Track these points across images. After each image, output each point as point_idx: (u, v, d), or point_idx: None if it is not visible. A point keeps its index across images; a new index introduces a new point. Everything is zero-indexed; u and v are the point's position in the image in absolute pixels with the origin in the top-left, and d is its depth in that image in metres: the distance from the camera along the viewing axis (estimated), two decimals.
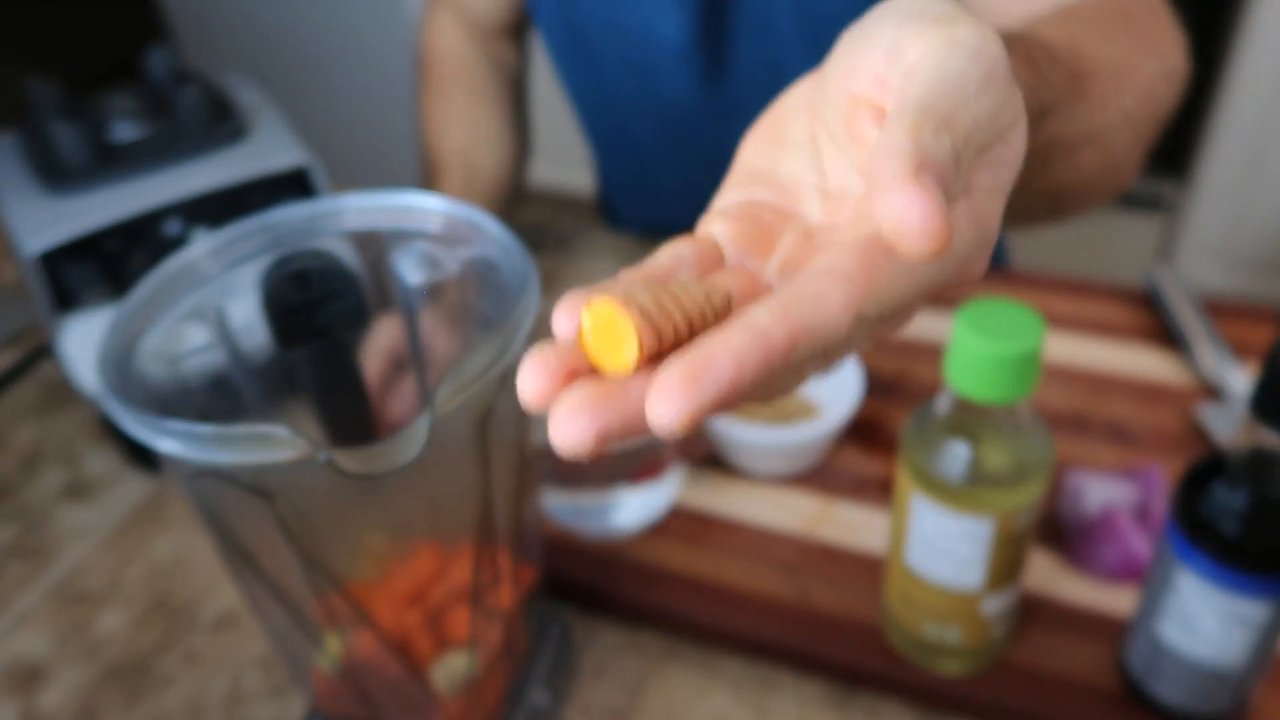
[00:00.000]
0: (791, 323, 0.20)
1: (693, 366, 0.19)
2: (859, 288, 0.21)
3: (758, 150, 0.30)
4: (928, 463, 0.44)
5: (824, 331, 0.20)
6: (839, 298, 0.20)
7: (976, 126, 0.22)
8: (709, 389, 0.19)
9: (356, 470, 0.33)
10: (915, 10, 0.24)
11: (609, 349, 0.21)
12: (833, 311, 0.20)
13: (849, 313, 0.20)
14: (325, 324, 0.45)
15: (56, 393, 0.76)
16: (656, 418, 0.19)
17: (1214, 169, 1.80)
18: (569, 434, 0.19)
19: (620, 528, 0.59)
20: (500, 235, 0.42)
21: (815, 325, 0.20)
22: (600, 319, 0.21)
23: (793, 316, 0.20)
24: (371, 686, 0.44)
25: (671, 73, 0.77)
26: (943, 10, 0.24)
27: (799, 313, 0.20)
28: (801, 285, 0.21)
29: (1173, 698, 0.47)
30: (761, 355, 0.19)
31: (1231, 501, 0.41)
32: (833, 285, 0.21)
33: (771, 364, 0.19)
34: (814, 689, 0.53)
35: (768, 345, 0.19)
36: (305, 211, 0.44)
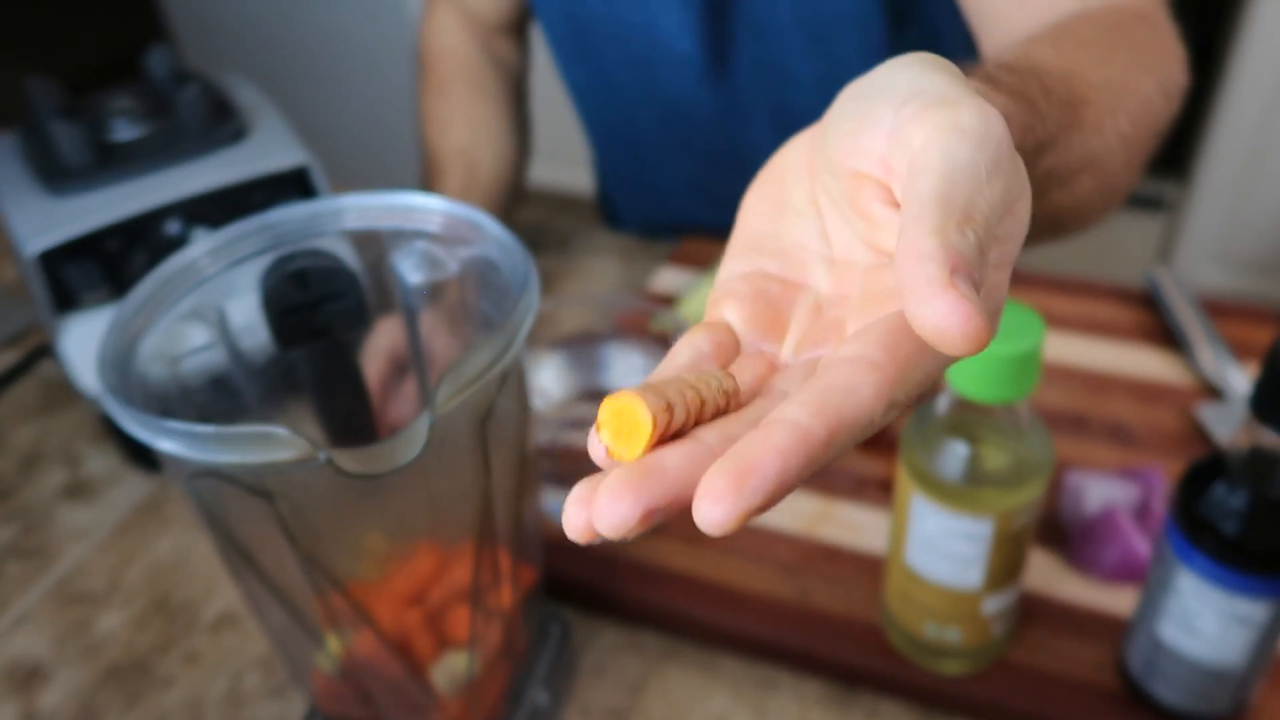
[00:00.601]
0: (829, 417, 0.20)
1: (738, 468, 0.19)
2: (889, 376, 0.21)
3: (760, 214, 0.30)
4: (928, 463, 0.44)
5: (860, 422, 0.21)
6: (871, 388, 0.21)
7: (992, 213, 0.22)
8: (757, 490, 0.19)
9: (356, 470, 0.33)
10: (915, 88, 0.24)
11: (626, 437, 0.21)
12: (866, 402, 0.21)
13: (882, 401, 0.21)
14: (325, 324, 0.45)
15: (56, 393, 0.76)
16: (705, 521, 0.19)
17: (1214, 169, 1.80)
18: (613, 517, 0.19)
19: None
20: (500, 235, 0.42)
21: (851, 417, 0.20)
22: (615, 409, 0.21)
23: (829, 411, 0.20)
24: (371, 686, 0.44)
25: (673, 68, 0.77)
26: (944, 89, 0.24)
27: (835, 406, 0.20)
28: (833, 378, 0.21)
29: (1173, 698, 0.47)
30: (804, 452, 0.20)
31: (1231, 501, 0.41)
32: (864, 376, 0.21)
33: (814, 459, 0.20)
34: (814, 689, 0.53)
35: (809, 441, 0.20)
36: (305, 211, 0.44)
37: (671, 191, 0.90)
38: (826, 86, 0.75)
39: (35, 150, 0.64)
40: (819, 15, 0.72)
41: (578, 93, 0.87)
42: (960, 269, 0.20)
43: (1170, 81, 0.48)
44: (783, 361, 0.26)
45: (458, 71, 0.83)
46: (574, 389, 0.62)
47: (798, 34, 0.73)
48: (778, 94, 0.77)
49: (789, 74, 0.76)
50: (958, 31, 0.75)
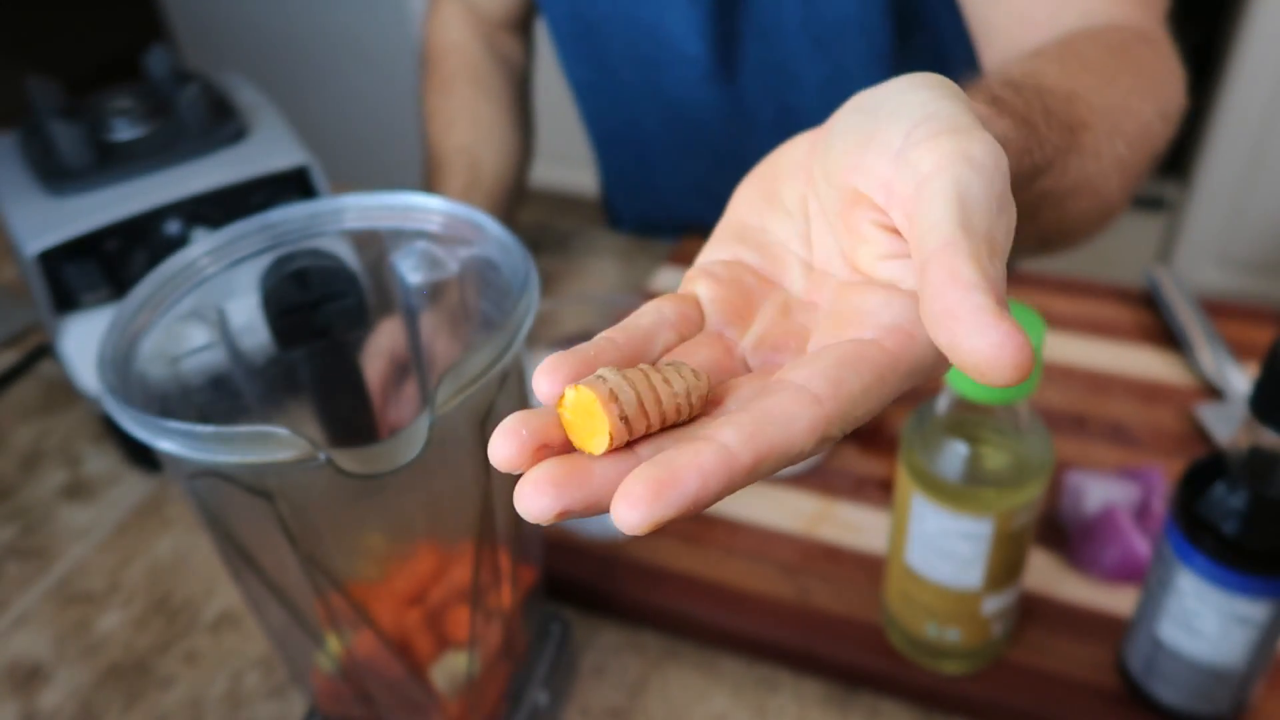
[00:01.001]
0: (757, 445, 0.21)
1: (659, 479, 0.20)
2: (827, 412, 0.22)
3: (750, 204, 0.30)
4: (928, 463, 0.44)
5: (787, 451, 0.21)
6: (806, 422, 0.21)
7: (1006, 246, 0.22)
8: (673, 502, 0.20)
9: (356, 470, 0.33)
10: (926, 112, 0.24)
11: (584, 432, 0.22)
12: (798, 434, 0.21)
13: (814, 436, 0.22)
14: (325, 324, 0.45)
15: (56, 393, 0.76)
16: (620, 520, 0.20)
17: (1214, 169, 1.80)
18: (532, 506, 0.20)
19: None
20: (500, 235, 0.42)
21: (781, 447, 0.21)
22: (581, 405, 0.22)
23: (759, 439, 0.21)
24: (371, 686, 0.44)
25: (679, 68, 0.77)
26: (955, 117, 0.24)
27: (766, 436, 0.21)
28: (772, 405, 0.22)
29: (1173, 698, 0.47)
30: (725, 474, 0.20)
31: (1231, 501, 0.41)
32: (802, 409, 0.22)
33: (734, 481, 0.21)
34: (814, 689, 0.53)
35: (732, 465, 0.20)
36: (305, 211, 0.44)
37: (672, 192, 0.90)
38: (831, 91, 0.76)
39: (35, 150, 0.64)
40: (825, 20, 0.72)
41: (581, 91, 0.87)
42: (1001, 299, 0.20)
43: (1170, 105, 0.48)
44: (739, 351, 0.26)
45: (462, 68, 0.83)
46: None
47: (804, 38, 0.73)
48: (782, 96, 0.77)
49: (794, 77, 0.76)
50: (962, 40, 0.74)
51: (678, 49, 0.76)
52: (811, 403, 0.22)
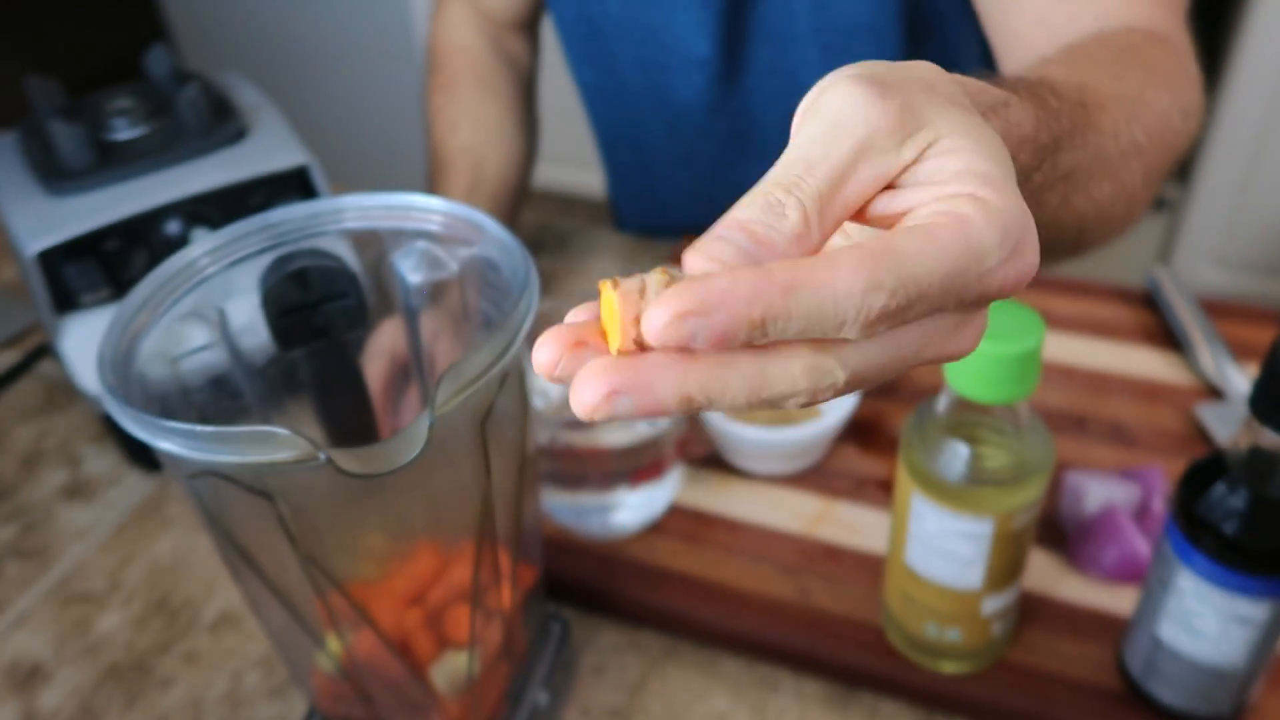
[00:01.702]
0: (798, 271, 0.20)
1: (689, 281, 0.20)
2: (874, 254, 0.21)
3: None
4: (928, 462, 0.44)
5: (831, 286, 0.20)
6: (851, 259, 0.20)
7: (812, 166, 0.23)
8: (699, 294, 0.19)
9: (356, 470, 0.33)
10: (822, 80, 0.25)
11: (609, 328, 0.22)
12: (843, 271, 0.20)
13: (860, 275, 0.20)
14: (325, 324, 0.45)
15: (56, 393, 0.76)
16: (648, 324, 0.20)
17: (1214, 169, 1.80)
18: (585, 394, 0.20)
19: (620, 528, 0.59)
20: (500, 235, 0.42)
21: (821, 279, 0.20)
22: (608, 299, 0.21)
23: (801, 267, 0.20)
24: (371, 686, 0.44)
25: (686, 71, 0.77)
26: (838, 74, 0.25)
27: (808, 265, 0.20)
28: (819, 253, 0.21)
29: (1173, 698, 0.47)
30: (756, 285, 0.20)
31: (1231, 501, 0.41)
32: (846, 252, 0.21)
33: (768, 297, 0.20)
34: (814, 689, 0.53)
35: (767, 279, 0.20)
36: (305, 211, 0.44)
37: (675, 198, 0.90)
38: None
39: (35, 150, 0.64)
40: (835, 25, 0.71)
41: (587, 93, 0.87)
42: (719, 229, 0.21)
43: (1187, 101, 0.48)
44: None
45: (467, 69, 0.82)
46: None
47: (813, 44, 0.73)
48: (789, 102, 0.77)
49: (801, 84, 0.75)
50: (973, 47, 0.75)
51: (686, 51, 0.76)
52: (857, 250, 0.21)
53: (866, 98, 0.23)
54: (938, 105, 0.24)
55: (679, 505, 0.61)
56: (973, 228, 0.22)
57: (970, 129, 0.24)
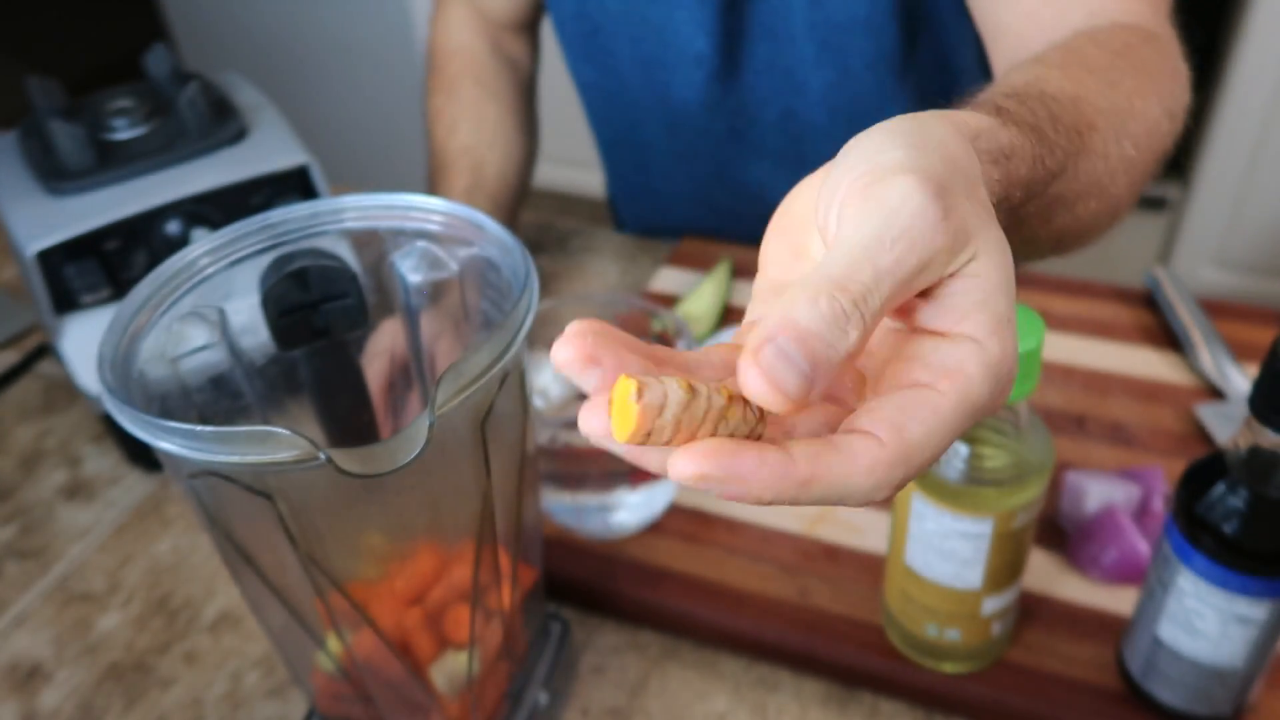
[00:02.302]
0: (816, 465, 0.23)
1: (721, 447, 0.22)
2: (889, 454, 0.23)
3: (780, 262, 0.31)
4: None
5: (845, 483, 0.23)
6: (867, 459, 0.23)
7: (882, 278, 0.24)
8: (723, 468, 0.22)
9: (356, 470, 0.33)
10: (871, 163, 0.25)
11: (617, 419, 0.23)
12: (859, 469, 0.23)
13: (873, 475, 0.23)
14: (325, 324, 0.45)
15: (56, 393, 0.76)
16: (674, 466, 0.22)
17: (1214, 169, 1.80)
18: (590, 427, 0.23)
19: (620, 528, 0.59)
20: (500, 235, 0.42)
21: (838, 472, 0.23)
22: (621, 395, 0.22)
23: (820, 461, 0.23)
24: (371, 686, 0.44)
25: (685, 69, 0.77)
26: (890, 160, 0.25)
27: (826, 459, 0.23)
28: (837, 439, 0.23)
29: (1173, 698, 0.47)
30: (778, 475, 0.22)
31: (1231, 501, 0.41)
32: (864, 446, 0.23)
33: (784, 488, 0.22)
34: (814, 689, 0.53)
35: (787, 470, 0.22)
36: (305, 211, 0.44)
37: (673, 198, 0.90)
38: (834, 95, 0.76)
39: (35, 150, 0.64)
40: (832, 22, 0.71)
41: (586, 93, 0.87)
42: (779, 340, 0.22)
43: (1175, 102, 0.49)
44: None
45: (467, 70, 0.82)
46: (574, 389, 0.62)
47: (810, 41, 0.73)
48: (786, 99, 0.77)
49: (798, 81, 0.76)
50: (968, 43, 0.75)
51: (684, 48, 0.76)
52: (874, 444, 0.23)
53: (938, 216, 0.24)
54: (978, 218, 0.26)
55: (679, 505, 0.61)
56: (971, 389, 0.24)
57: (996, 251, 0.26)
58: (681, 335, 0.57)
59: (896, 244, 0.24)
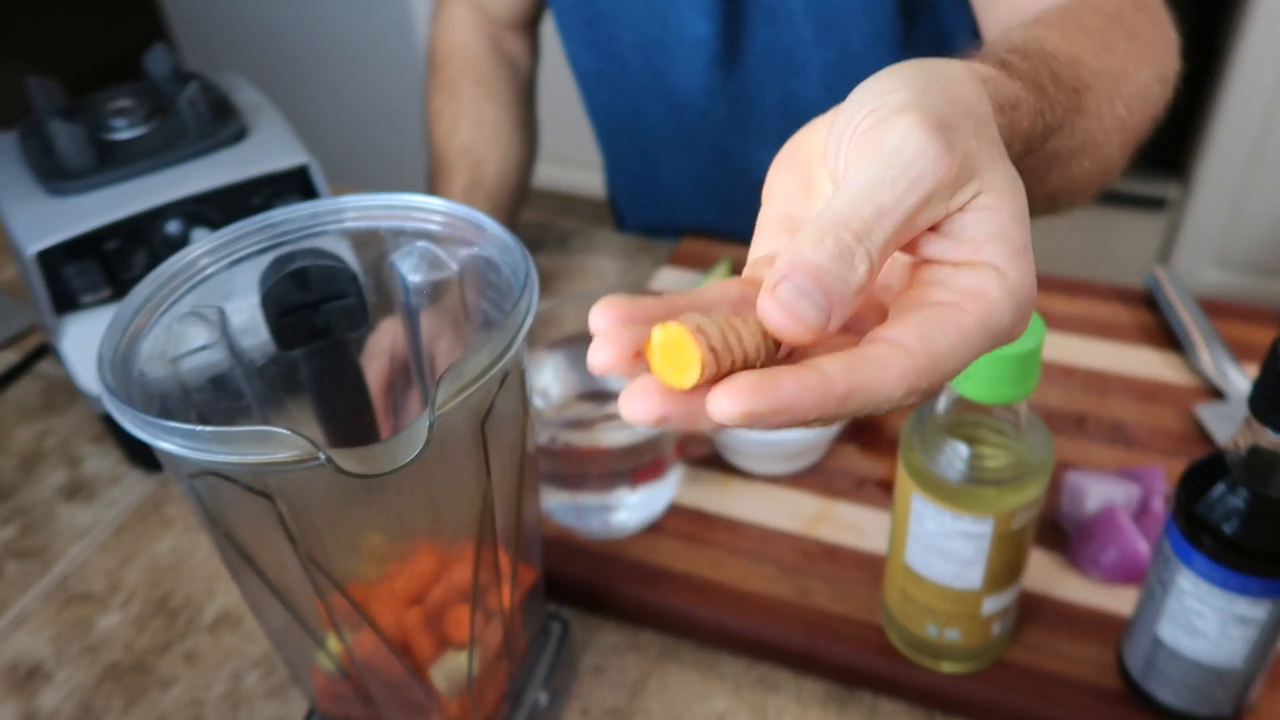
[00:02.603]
0: (853, 379, 0.23)
1: (761, 381, 0.22)
2: (918, 363, 0.24)
3: (787, 197, 0.31)
4: (928, 463, 0.44)
5: (879, 394, 0.23)
6: (898, 369, 0.24)
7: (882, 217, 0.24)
8: (768, 400, 0.22)
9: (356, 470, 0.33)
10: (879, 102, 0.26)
11: (672, 368, 0.23)
12: (891, 378, 0.23)
13: (904, 383, 0.24)
14: (325, 324, 0.45)
15: (56, 393, 0.76)
16: (715, 408, 0.22)
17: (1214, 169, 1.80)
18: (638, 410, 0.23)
19: (620, 528, 0.59)
20: (500, 235, 0.42)
21: (873, 384, 0.23)
22: (670, 340, 0.23)
23: (856, 374, 0.23)
24: (371, 686, 0.44)
25: (686, 54, 0.78)
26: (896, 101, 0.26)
27: (861, 373, 0.23)
28: (867, 350, 0.24)
29: (1172, 698, 0.47)
30: (819, 395, 0.23)
31: (1231, 501, 0.41)
32: (895, 357, 0.24)
33: (826, 405, 0.23)
34: (814, 689, 0.53)
35: (827, 389, 0.23)
36: (305, 211, 0.44)
37: (675, 189, 0.90)
38: (834, 77, 0.76)
39: (35, 150, 0.64)
40: (831, 2, 0.72)
41: (586, 82, 0.87)
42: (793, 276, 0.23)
43: (1166, 68, 0.50)
44: None
45: (466, 69, 0.82)
46: (574, 389, 0.62)
47: (809, 21, 0.73)
48: (786, 82, 0.77)
49: (798, 62, 0.76)
50: (966, 25, 0.75)
51: (685, 32, 0.76)
52: (904, 354, 0.24)
53: (937, 152, 0.25)
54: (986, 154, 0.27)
55: (679, 505, 0.61)
56: (994, 311, 0.25)
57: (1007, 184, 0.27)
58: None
59: (897, 182, 0.25)
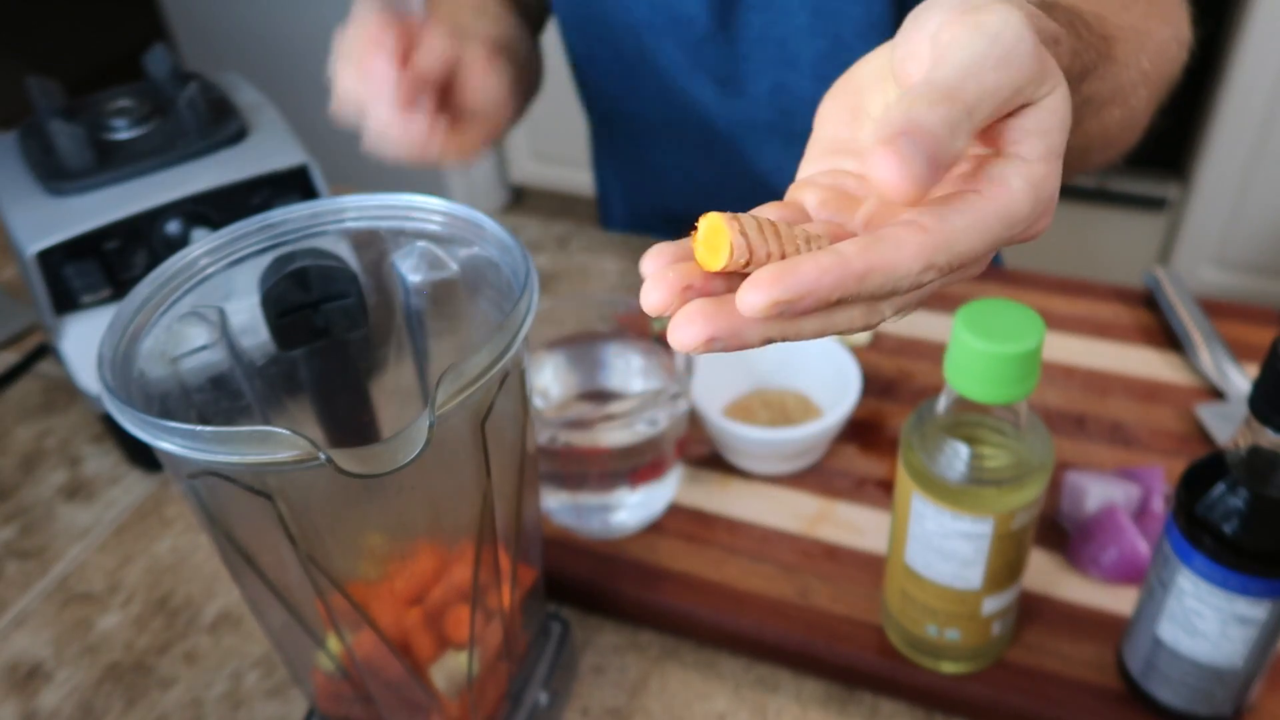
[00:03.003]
0: (870, 256, 0.24)
1: (781, 269, 0.24)
2: (934, 240, 0.25)
3: (837, 120, 0.33)
4: (928, 463, 0.44)
5: (896, 270, 0.24)
6: (914, 245, 0.24)
7: (985, 95, 0.25)
8: (791, 287, 0.23)
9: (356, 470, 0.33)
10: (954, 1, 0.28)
11: (710, 252, 0.25)
12: (907, 255, 0.24)
13: (920, 259, 0.25)
14: (325, 324, 0.45)
15: (56, 393, 0.76)
16: (744, 301, 0.24)
17: (1214, 169, 1.80)
18: (685, 336, 0.24)
19: (620, 528, 0.59)
20: (500, 235, 0.42)
21: (890, 263, 0.24)
22: (709, 228, 0.25)
23: (872, 252, 0.24)
24: (371, 686, 0.44)
25: (677, 33, 0.77)
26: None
27: (878, 250, 0.24)
28: (885, 231, 0.25)
29: (1172, 698, 0.47)
30: (839, 274, 0.24)
31: (1231, 501, 0.41)
32: (910, 234, 0.25)
33: (846, 285, 0.24)
34: (814, 689, 0.53)
35: (845, 268, 0.24)
36: (305, 211, 0.44)
37: (663, 174, 0.89)
38: (826, 67, 0.75)
39: (35, 150, 0.64)
40: None
41: (580, 65, 0.87)
42: (912, 133, 0.24)
43: (1181, 30, 0.53)
44: (851, 229, 0.29)
45: None
46: (574, 389, 0.62)
47: (803, 10, 0.73)
48: (777, 73, 0.77)
49: (791, 53, 0.76)
50: None
51: (677, 11, 0.76)
52: (918, 230, 0.25)
53: (1033, 43, 0.26)
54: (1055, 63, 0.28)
55: (679, 505, 0.61)
56: (1014, 200, 0.26)
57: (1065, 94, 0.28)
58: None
59: (999, 66, 0.26)
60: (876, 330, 0.73)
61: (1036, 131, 0.27)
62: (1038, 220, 0.27)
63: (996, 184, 0.26)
